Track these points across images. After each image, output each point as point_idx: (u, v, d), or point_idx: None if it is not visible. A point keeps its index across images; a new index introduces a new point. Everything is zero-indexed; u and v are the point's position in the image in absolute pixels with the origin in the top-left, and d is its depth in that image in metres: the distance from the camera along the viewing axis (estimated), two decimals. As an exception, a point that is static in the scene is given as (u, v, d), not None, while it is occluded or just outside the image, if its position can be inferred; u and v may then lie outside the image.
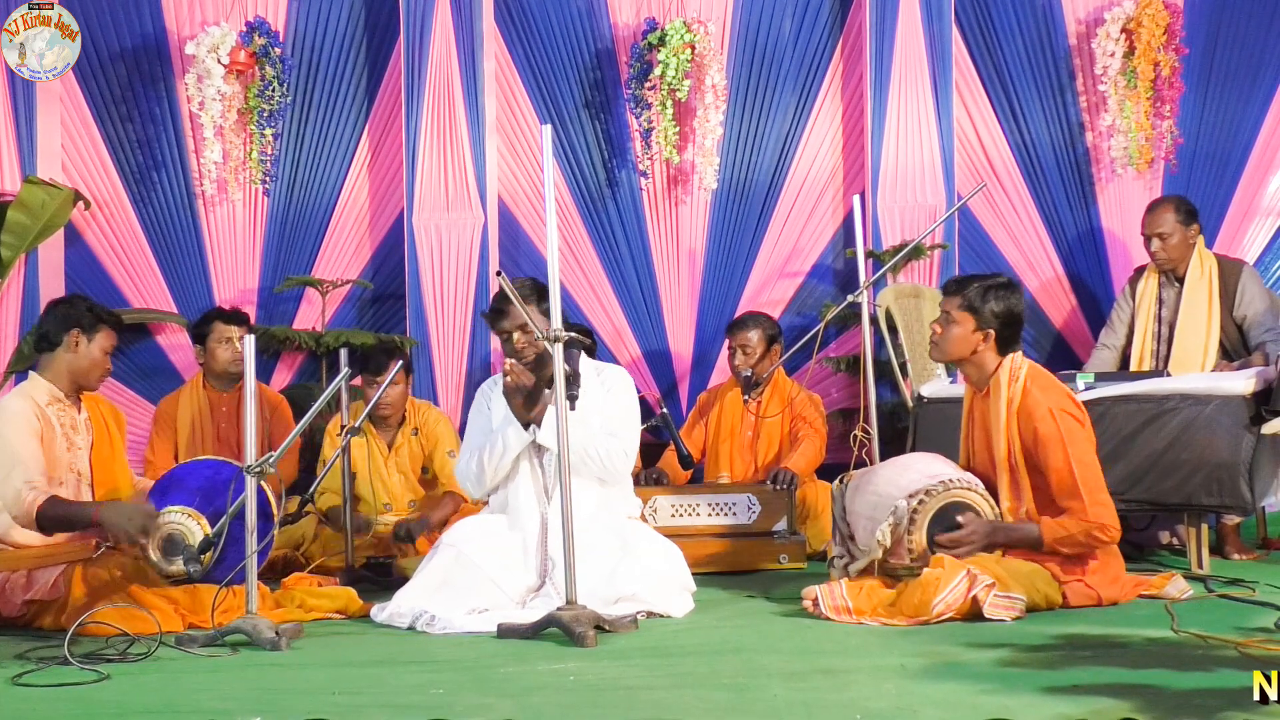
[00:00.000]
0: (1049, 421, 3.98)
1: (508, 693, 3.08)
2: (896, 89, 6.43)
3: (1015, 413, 4.06)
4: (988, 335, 4.13)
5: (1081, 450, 4.00)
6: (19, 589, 4.07)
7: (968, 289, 4.17)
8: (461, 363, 6.42)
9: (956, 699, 2.88)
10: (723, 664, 3.37)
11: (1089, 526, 3.93)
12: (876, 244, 6.34)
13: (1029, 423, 4.02)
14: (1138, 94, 6.35)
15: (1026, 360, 4.18)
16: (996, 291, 4.14)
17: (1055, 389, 4.11)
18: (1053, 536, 3.94)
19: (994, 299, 4.12)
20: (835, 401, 6.46)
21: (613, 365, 4.63)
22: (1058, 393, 4.10)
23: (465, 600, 4.03)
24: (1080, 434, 4.03)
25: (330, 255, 6.67)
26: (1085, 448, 4.03)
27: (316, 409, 3.96)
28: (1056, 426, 3.98)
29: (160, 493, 4.23)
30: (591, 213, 6.70)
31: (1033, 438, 4.01)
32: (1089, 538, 3.95)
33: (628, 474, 4.40)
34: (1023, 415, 4.04)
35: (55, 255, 6.50)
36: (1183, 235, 5.39)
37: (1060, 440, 3.97)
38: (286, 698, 3.09)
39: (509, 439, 4.25)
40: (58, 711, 3.02)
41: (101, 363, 4.35)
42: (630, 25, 6.61)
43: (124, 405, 6.39)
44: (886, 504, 4.03)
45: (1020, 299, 4.18)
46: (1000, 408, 4.09)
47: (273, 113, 6.44)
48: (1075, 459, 3.97)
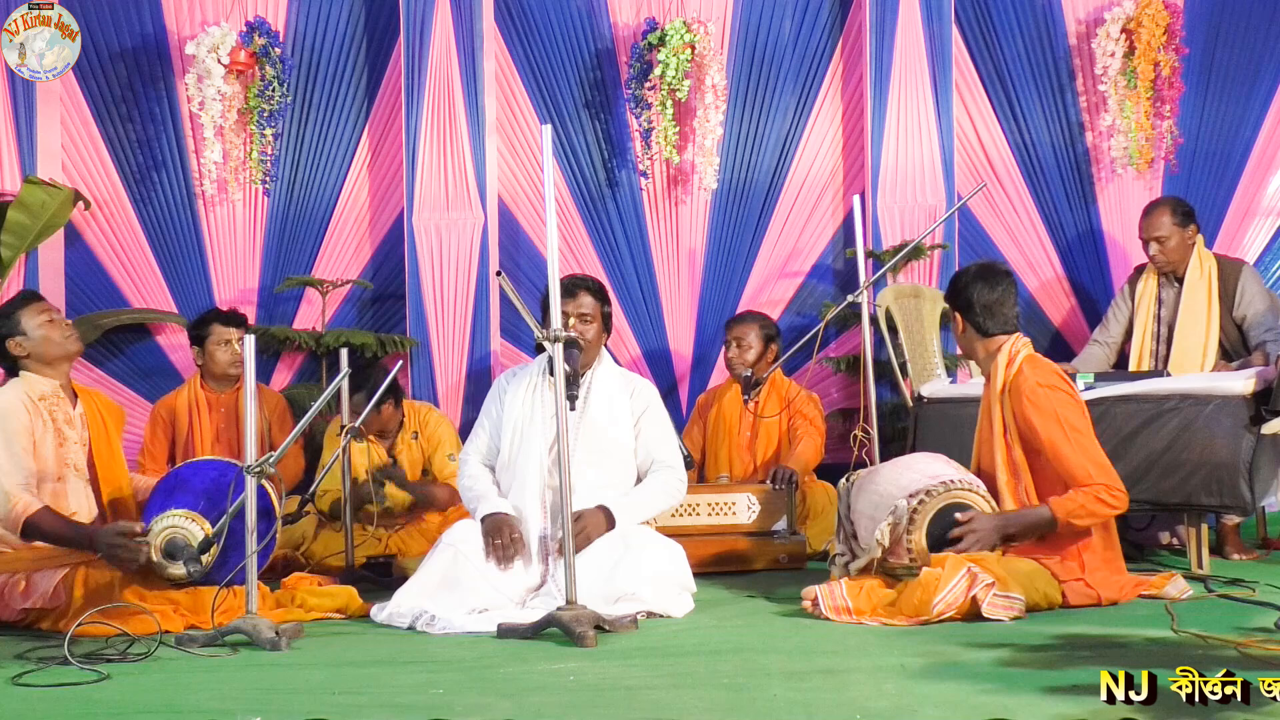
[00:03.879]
0: (1037, 393, 4.03)
1: (508, 693, 3.08)
2: (896, 89, 6.43)
3: (1008, 390, 4.11)
4: (964, 324, 4.23)
5: (1073, 419, 4.03)
6: (17, 595, 4.06)
7: (949, 286, 4.32)
8: (461, 363, 6.42)
9: (956, 699, 2.88)
10: (723, 664, 3.36)
11: (1095, 491, 3.95)
12: (876, 244, 6.34)
13: (1018, 398, 4.06)
14: (1138, 94, 6.36)
15: (1028, 347, 4.21)
16: (962, 278, 4.26)
17: (1046, 369, 4.16)
18: (1064, 511, 3.95)
19: (959, 287, 4.24)
20: (835, 401, 6.46)
21: (641, 379, 4.63)
22: (1048, 372, 4.15)
23: (465, 600, 4.02)
24: (1071, 405, 4.07)
25: (330, 255, 6.67)
26: (1077, 417, 4.05)
27: (316, 409, 3.96)
28: (1047, 398, 4.02)
29: (165, 493, 4.21)
30: (591, 213, 6.70)
31: (1021, 412, 4.04)
32: (1099, 502, 3.96)
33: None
34: (1013, 393, 4.09)
35: (55, 255, 6.51)
36: (1180, 237, 5.39)
37: (1051, 411, 4.00)
38: (286, 698, 3.09)
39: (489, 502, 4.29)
40: (58, 711, 3.02)
41: (53, 332, 4.31)
42: (630, 25, 6.62)
43: (123, 405, 6.35)
44: (887, 503, 4.03)
45: (990, 282, 4.18)
46: (995, 387, 4.15)
47: (273, 113, 6.44)
48: (1068, 426, 4.00)
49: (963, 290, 4.22)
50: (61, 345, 4.33)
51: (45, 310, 4.36)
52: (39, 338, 4.30)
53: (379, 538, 5.23)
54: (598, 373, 4.43)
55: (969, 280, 4.22)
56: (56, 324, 4.34)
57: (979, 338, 4.22)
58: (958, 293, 4.24)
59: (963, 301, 4.21)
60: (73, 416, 4.34)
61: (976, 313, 4.19)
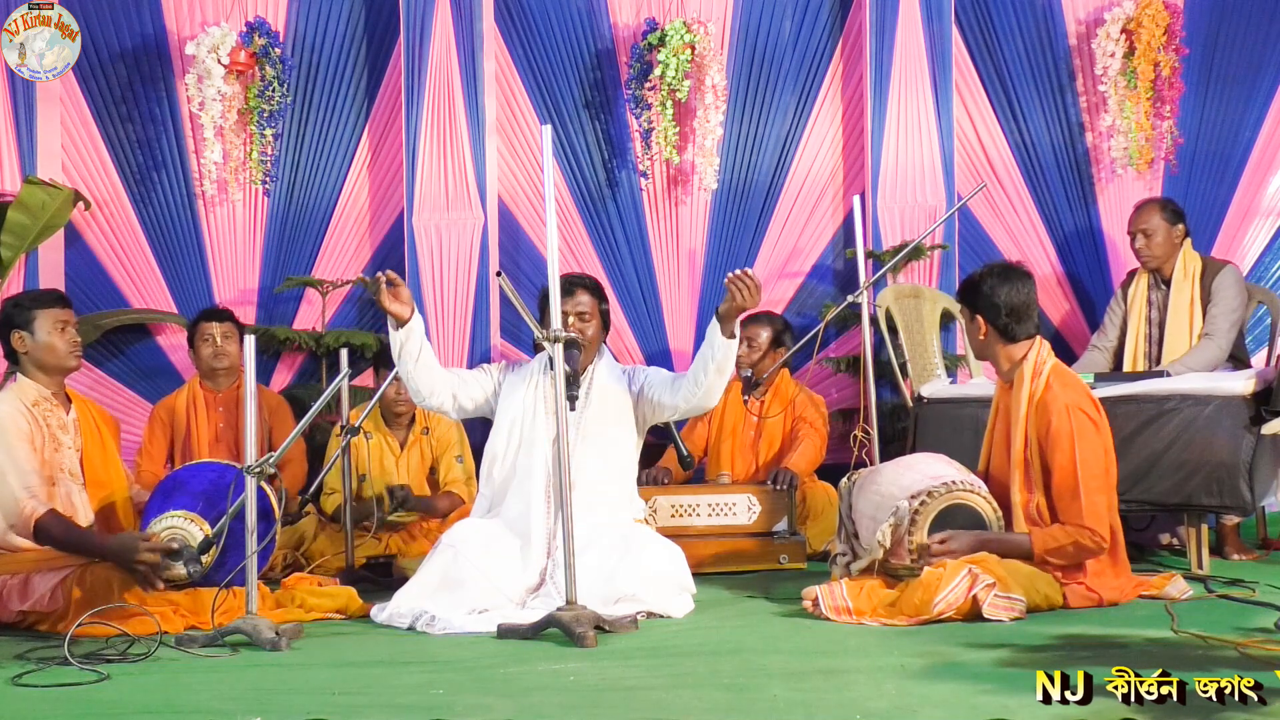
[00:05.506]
0: (1063, 416, 3.96)
1: (508, 693, 3.08)
2: (896, 89, 6.43)
3: (1035, 406, 4.04)
4: (978, 322, 4.14)
5: (1089, 450, 3.97)
6: (15, 596, 4.05)
7: (966, 287, 4.20)
8: (461, 363, 6.41)
9: (956, 699, 2.88)
10: (723, 664, 3.36)
11: (1078, 534, 3.90)
12: (876, 244, 6.34)
13: (1044, 416, 4.00)
14: (1138, 94, 6.36)
15: (1054, 357, 4.14)
16: (984, 280, 4.13)
17: (1076, 387, 4.08)
18: (1043, 547, 3.92)
19: (979, 288, 4.13)
20: (835, 402, 6.46)
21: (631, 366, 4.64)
22: (1078, 391, 4.06)
23: (465, 600, 4.02)
24: (1091, 435, 3.99)
25: (330, 255, 6.67)
26: (1093, 448, 3.99)
27: (316, 409, 3.96)
28: (1069, 422, 3.96)
29: (164, 495, 4.21)
30: (591, 213, 6.70)
31: (1045, 431, 3.99)
32: (1077, 548, 3.92)
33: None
34: (1040, 409, 4.02)
35: (55, 255, 6.51)
36: (1167, 233, 5.42)
37: (1070, 436, 3.95)
38: (286, 698, 3.09)
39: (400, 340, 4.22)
40: (58, 711, 3.02)
41: (59, 342, 4.29)
42: (630, 25, 6.62)
43: (123, 405, 6.41)
44: (889, 504, 4.03)
45: (1013, 283, 4.09)
46: (1022, 400, 4.06)
47: (273, 113, 6.44)
48: (1081, 458, 3.94)
49: (987, 292, 4.08)
50: (61, 358, 4.31)
51: (62, 319, 4.33)
52: (43, 343, 4.29)
53: (379, 538, 5.25)
54: (598, 370, 4.42)
55: (993, 281, 4.09)
56: (66, 335, 4.32)
57: (1003, 343, 4.11)
58: (980, 294, 4.09)
59: (986, 304, 4.08)
60: (66, 422, 4.32)
61: (1003, 316, 4.07)
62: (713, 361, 4.14)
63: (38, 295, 4.45)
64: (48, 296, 4.42)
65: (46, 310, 4.32)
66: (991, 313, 4.10)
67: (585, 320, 4.39)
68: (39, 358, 4.29)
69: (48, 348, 4.29)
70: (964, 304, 4.21)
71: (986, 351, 4.21)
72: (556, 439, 3.87)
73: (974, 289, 4.14)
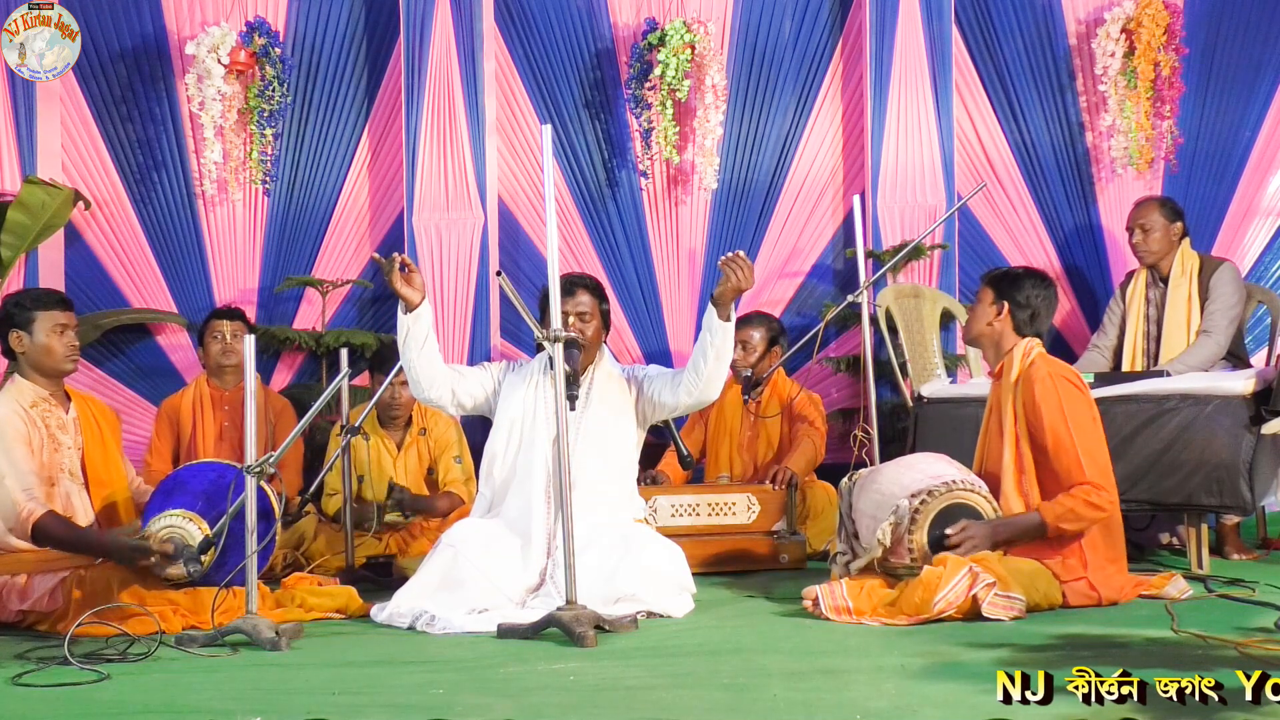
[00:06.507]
0: (1047, 383, 4.05)
1: (508, 693, 3.08)
2: (896, 89, 6.43)
3: (1021, 380, 4.12)
4: (1002, 308, 4.22)
5: (1078, 414, 4.04)
6: (15, 596, 4.05)
7: (1003, 275, 4.33)
8: (461, 363, 6.39)
9: (956, 699, 2.88)
10: (723, 664, 3.36)
11: (1085, 493, 3.95)
12: (876, 244, 6.34)
13: (1029, 389, 4.07)
14: (1138, 94, 6.36)
15: (1041, 348, 4.23)
16: (1027, 278, 4.28)
17: (1060, 365, 4.20)
18: (1054, 516, 3.95)
19: (1020, 282, 4.26)
20: (835, 401, 6.46)
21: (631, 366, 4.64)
22: (1061, 367, 4.18)
23: (465, 600, 4.02)
24: (1078, 398, 4.08)
25: (330, 255, 6.67)
26: (1083, 413, 4.06)
27: (316, 409, 3.96)
28: (1055, 388, 4.04)
29: (164, 494, 4.21)
30: (591, 213, 6.70)
31: (1031, 400, 4.06)
32: (1089, 506, 3.96)
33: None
34: (1025, 383, 4.11)
35: (55, 255, 6.51)
36: (1165, 230, 5.43)
37: (1056, 397, 4.03)
38: (286, 698, 3.09)
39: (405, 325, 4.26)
40: (58, 711, 3.02)
41: (57, 345, 4.28)
42: (630, 25, 6.62)
43: (124, 405, 6.41)
44: (889, 503, 4.03)
45: (1048, 294, 4.26)
46: (1010, 381, 4.15)
47: (273, 113, 6.44)
48: (1072, 421, 4.01)
49: (1025, 288, 4.23)
50: (57, 361, 4.30)
51: (61, 322, 4.32)
52: (40, 344, 4.28)
53: (379, 538, 5.25)
54: (598, 370, 4.42)
55: (1034, 282, 4.26)
56: (64, 339, 4.31)
57: (1013, 333, 4.23)
58: (1019, 287, 4.24)
59: (1020, 296, 4.22)
60: (65, 422, 4.32)
61: (1026, 311, 4.21)
62: (712, 347, 4.16)
63: (40, 296, 4.44)
64: (50, 298, 4.42)
65: (47, 312, 4.31)
66: (1020, 305, 4.21)
67: (585, 320, 4.39)
68: (35, 359, 4.29)
69: (44, 350, 4.29)
70: (993, 289, 4.28)
71: (991, 334, 4.28)
72: (557, 439, 3.87)
73: (1014, 281, 4.27)
